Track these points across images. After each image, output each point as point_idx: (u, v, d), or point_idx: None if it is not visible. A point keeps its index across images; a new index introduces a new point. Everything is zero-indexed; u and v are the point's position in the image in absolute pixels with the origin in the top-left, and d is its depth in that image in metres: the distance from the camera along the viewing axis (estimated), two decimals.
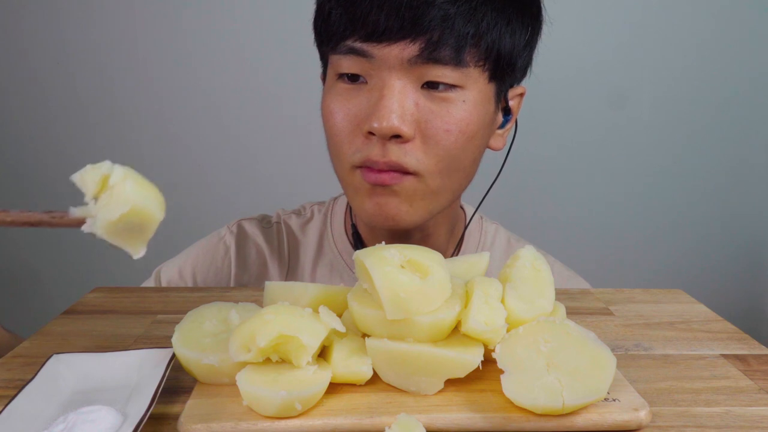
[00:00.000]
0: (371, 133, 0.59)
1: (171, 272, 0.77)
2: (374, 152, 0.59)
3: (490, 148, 0.69)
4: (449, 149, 0.60)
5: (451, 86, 0.59)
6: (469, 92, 0.60)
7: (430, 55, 0.57)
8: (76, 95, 1.69)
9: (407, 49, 0.57)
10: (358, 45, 0.58)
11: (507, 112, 0.68)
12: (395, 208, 0.62)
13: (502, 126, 0.69)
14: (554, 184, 1.76)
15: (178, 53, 1.67)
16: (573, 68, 1.65)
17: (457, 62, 0.58)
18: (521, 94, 0.69)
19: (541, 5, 0.66)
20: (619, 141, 1.75)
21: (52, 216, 0.41)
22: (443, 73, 0.58)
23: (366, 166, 0.60)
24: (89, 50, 1.67)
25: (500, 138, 0.69)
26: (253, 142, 1.71)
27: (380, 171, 0.60)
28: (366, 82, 0.60)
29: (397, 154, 0.59)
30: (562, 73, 1.63)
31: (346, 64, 0.60)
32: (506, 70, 0.62)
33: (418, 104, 0.59)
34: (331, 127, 0.62)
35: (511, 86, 0.67)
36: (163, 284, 0.77)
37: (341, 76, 0.62)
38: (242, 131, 1.71)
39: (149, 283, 0.78)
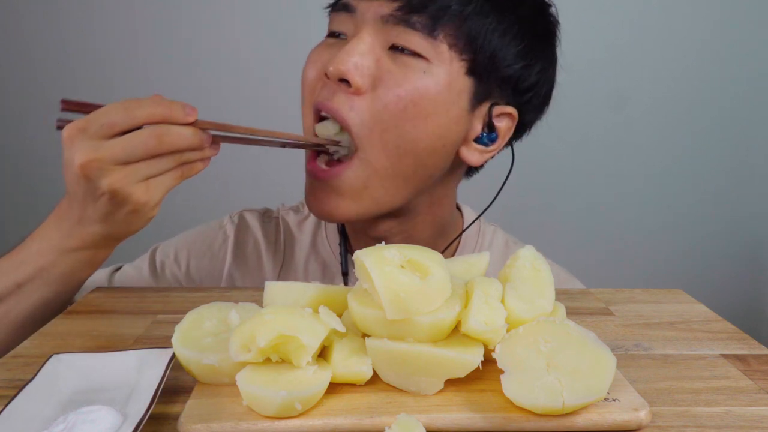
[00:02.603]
0: (327, 76, 0.60)
1: (167, 254, 0.78)
2: (323, 95, 0.61)
3: (462, 157, 0.66)
4: (397, 116, 0.59)
5: (416, 54, 0.59)
6: (435, 68, 0.60)
7: (403, 16, 0.58)
8: (76, 95, 1.68)
9: (385, 6, 0.59)
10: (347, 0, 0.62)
11: (491, 129, 0.65)
12: (332, 204, 0.63)
13: (481, 142, 0.65)
14: (554, 184, 1.76)
15: (178, 53, 1.67)
16: (573, 68, 1.64)
17: (429, 32, 0.59)
18: (509, 114, 0.65)
19: (554, 31, 0.66)
20: (619, 141, 1.75)
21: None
22: (412, 39, 0.59)
23: (312, 145, 0.62)
24: (89, 50, 1.67)
25: (477, 153, 0.66)
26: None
27: (315, 164, 0.63)
28: (346, 39, 0.63)
29: (342, 102, 0.60)
30: (561, 74, 1.63)
31: (335, 21, 0.64)
32: (487, 68, 0.61)
33: (379, 61, 0.60)
34: (304, 72, 0.65)
35: (500, 101, 0.64)
36: (157, 263, 0.77)
37: (329, 35, 0.65)
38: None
39: (144, 259, 0.78)
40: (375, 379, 0.42)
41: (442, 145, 0.63)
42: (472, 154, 0.66)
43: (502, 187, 0.71)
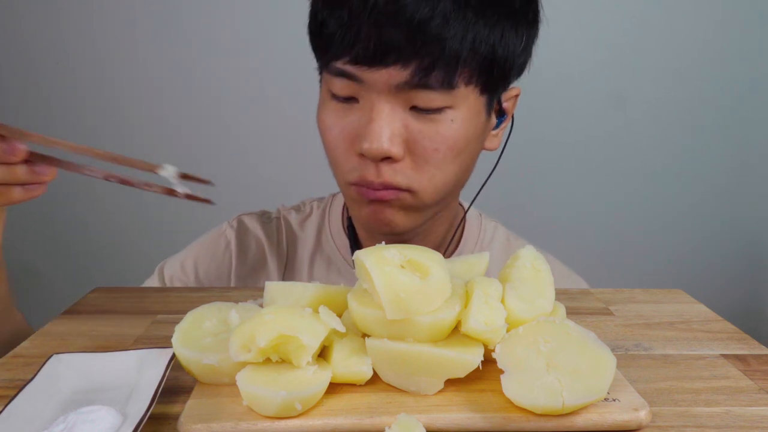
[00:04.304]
0: (364, 155, 0.60)
1: (174, 267, 0.78)
2: (369, 173, 0.60)
3: (485, 149, 0.69)
4: (439, 166, 0.62)
5: (439, 109, 0.59)
6: (458, 111, 0.60)
7: (420, 81, 0.57)
8: (76, 95, 1.69)
9: (396, 75, 0.57)
10: (348, 68, 0.58)
11: (501, 113, 0.68)
12: (390, 216, 0.64)
13: (496, 126, 0.69)
14: (554, 183, 1.76)
15: (178, 53, 1.67)
16: (573, 68, 1.65)
17: (448, 86, 0.58)
18: (516, 96, 0.69)
19: (539, 9, 0.65)
20: (619, 141, 1.75)
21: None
22: (432, 98, 0.58)
23: (362, 185, 0.62)
24: (89, 50, 1.67)
25: (495, 138, 0.70)
26: (254, 141, 1.71)
27: (376, 189, 0.61)
28: (357, 101, 0.61)
29: (389, 174, 0.60)
30: (562, 73, 1.63)
31: (338, 86, 0.61)
32: (498, 81, 0.63)
33: (407, 126, 0.60)
34: (328, 142, 0.64)
35: (505, 90, 0.67)
36: (166, 279, 0.78)
37: (334, 96, 0.62)
38: (243, 130, 1.71)
39: (153, 279, 0.78)
40: (375, 379, 0.42)
41: (474, 159, 0.67)
42: (492, 142, 0.70)
43: (500, 156, 0.72)
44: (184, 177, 0.48)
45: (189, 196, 0.48)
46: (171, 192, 0.48)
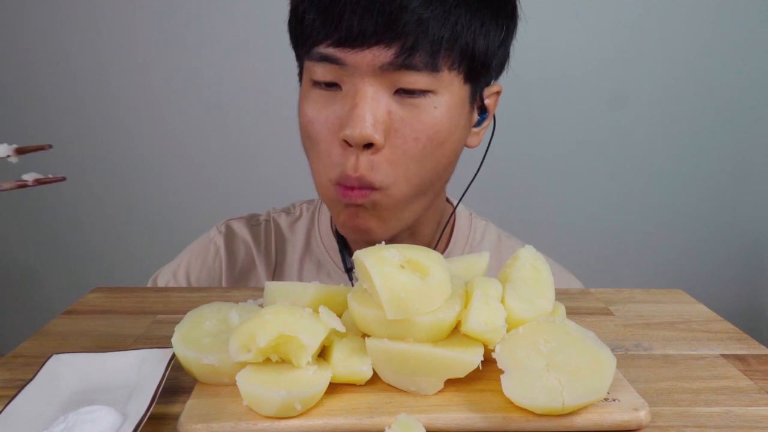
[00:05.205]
0: (347, 142, 0.59)
1: (167, 278, 0.79)
2: (348, 166, 0.59)
3: (466, 146, 0.69)
4: (417, 157, 0.60)
5: (424, 92, 0.59)
6: (442, 97, 0.60)
7: (403, 62, 0.57)
8: (76, 95, 1.69)
9: (380, 56, 0.57)
10: (330, 51, 0.58)
11: (483, 110, 0.68)
12: (365, 222, 0.63)
13: (478, 124, 0.69)
14: (553, 184, 1.77)
15: (177, 54, 1.67)
16: (572, 68, 1.65)
17: (432, 68, 0.58)
18: (497, 92, 0.69)
19: (517, 3, 0.65)
20: (618, 141, 1.75)
21: None
22: (416, 79, 0.58)
23: (340, 184, 0.61)
24: (89, 50, 1.67)
25: (476, 136, 0.70)
26: (251, 143, 1.71)
27: (352, 188, 0.60)
28: (340, 88, 0.60)
29: (366, 168, 0.59)
30: (561, 74, 1.63)
31: (320, 71, 0.60)
32: (481, 71, 0.62)
33: (390, 112, 0.59)
34: (310, 135, 0.63)
35: (487, 85, 0.67)
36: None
37: (316, 83, 0.62)
38: (241, 132, 1.72)
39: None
40: (375, 379, 0.42)
41: (456, 155, 0.66)
42: (473, 140, 0.69)
43: (485, 155, 0.72)
44: (21, 151, 0.44)
45: (40, 181, 0.44)
46: (22, 185, 0.43)
